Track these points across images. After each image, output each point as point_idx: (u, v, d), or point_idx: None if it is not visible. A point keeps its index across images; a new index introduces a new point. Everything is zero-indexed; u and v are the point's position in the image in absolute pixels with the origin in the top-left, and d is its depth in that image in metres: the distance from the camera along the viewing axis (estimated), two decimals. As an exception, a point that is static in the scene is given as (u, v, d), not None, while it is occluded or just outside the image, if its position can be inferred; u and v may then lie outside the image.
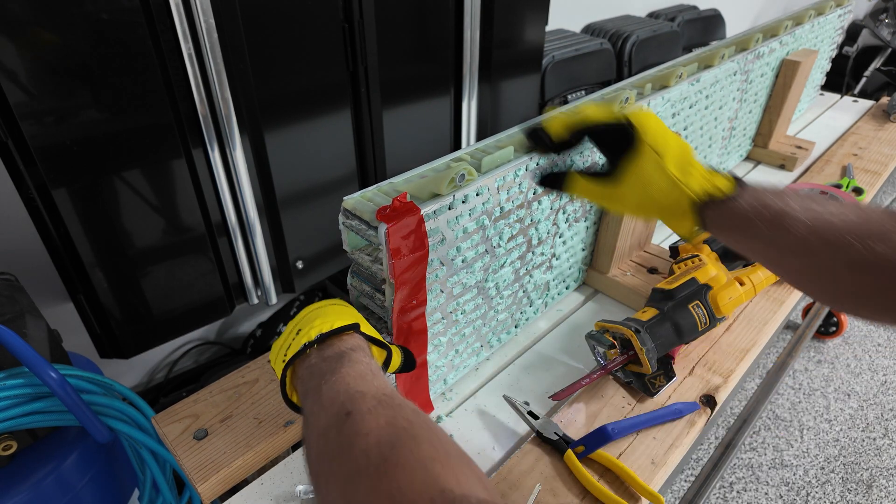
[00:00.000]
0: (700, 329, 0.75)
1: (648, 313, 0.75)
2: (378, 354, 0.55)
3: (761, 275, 0.81)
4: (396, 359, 0.57)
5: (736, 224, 0.46)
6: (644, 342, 0.71)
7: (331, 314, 0.53)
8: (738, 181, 0.49)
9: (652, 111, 0.51)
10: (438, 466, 0.33)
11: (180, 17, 0.81)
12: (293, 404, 0.52)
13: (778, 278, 0.84)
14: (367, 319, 0.66)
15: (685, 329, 0.74)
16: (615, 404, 0.74)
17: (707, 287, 0.77)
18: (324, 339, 0.50)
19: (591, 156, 0.71)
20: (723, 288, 0.76)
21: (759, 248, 0.46)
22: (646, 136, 0.49)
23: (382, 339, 0.55)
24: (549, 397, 0.73)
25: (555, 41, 1.92)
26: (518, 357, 0.84)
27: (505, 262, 0.75)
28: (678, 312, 0.75)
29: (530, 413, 0.71)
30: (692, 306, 0.75)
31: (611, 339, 0.75)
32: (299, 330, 0.52)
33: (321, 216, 1.14)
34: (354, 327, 0.52)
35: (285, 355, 0.50)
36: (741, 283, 0.79)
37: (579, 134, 0.53)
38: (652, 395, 0.74)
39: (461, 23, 1.16)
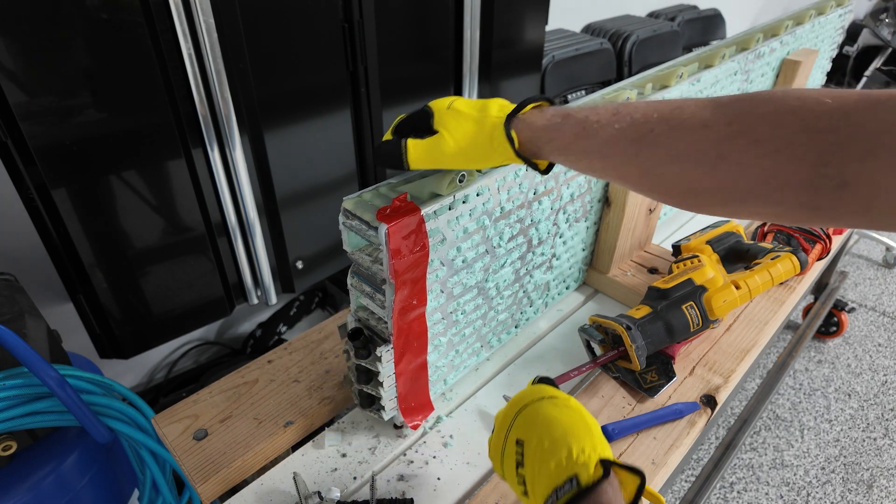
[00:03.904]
0: (692, 330, 0.75)
1: (642, 311, 0.75)
2: (630, 481, 0.45)
3: (758, 279, 0.81)
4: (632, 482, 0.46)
5: (542, 135, 0.50)
6: (634, 339, 0.71)
7: (581, 435, 0.45)
8: (549, 101, 0.52)
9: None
10: None
11: (180, 17, 0.80)
12: None
13: (776, 282, 0.84)
14: (368, 321, 0.66)
15: (677, 329, 0.74)
16: (615, 404, 0.74)
17: (702, 289, 0.77)
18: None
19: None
20: (718, 290, 0.76)
21: (568, 156, 0.49)
22: (436, 104, 0.55)
23: (629, 465, 0.45)
24: None
25: (555, 41, 1.91)
26: (518, 357, 0.84)
27: (505, 263, 0.74)
28: (671, 312, 0.75)
29: None
30: (686, 307, 0.75)
31: (603, 333, 0.75)
32: (519, 442, 0.46)
33: (321, 216, 1.14)
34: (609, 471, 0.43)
35: (554, 497, 0.43)
36: (737, 287, 0.79)
37: (399, 128, 0.58)
38: (645, 390, 0.74)
39: (461, 22, 1.16)
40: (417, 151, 0.55)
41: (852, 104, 0.36)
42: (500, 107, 0.53)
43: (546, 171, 0.55)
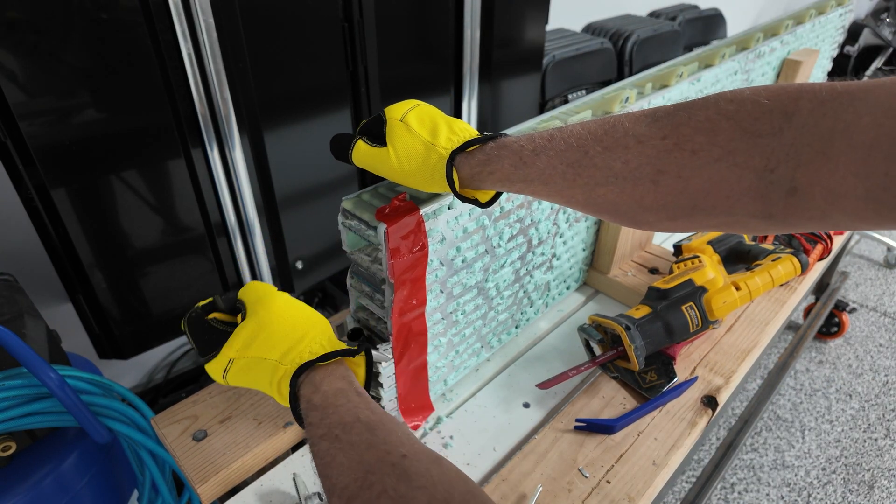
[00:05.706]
0: (691, 330, 0.75)
1: (641, 311, 0.75)
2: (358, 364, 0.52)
3: (759, 280, 0.81)
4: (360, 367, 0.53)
5: (482, 169, 0.49)
6: (633, 339, 0.71)
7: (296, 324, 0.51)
8: (495, 137, 0.51)
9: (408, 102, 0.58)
10: None
11: (179, 16, 0.80)
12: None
13: (777, 284, 0.84)
14: (367, 321, 0.66)
15: (676, 329, 0.74)
16: (616, 405, 0.74)
17: (702, 289, 0.77)
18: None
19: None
20: (718, 291, 0.76)
21: (511, 185, 0.49)
22: (391, 111, 0.55)
23: (348, 346, 0.51)
24: (536, 385, 0.73)
25: (555, 40, 1.91)
26: (518, 357, 0.84)
27: (505, 263, 0.74)
28: (671, 312, 0.75)
29: None
30: (685, 307, 0.75)
31: (602, 333, 0.75)
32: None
33: (321, 216, 1.14)
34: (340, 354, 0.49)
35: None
36: (737, 288, 0.78)
37: (362, 128, 0.59)
38: (644, 390, 0.74)
39: (461, 22, 1.16)
40: (364, 155, 0.55)
41: (793, 103, 0.34)
42: (448, 136, 0.52)
43: (488, 204, 0.55)
